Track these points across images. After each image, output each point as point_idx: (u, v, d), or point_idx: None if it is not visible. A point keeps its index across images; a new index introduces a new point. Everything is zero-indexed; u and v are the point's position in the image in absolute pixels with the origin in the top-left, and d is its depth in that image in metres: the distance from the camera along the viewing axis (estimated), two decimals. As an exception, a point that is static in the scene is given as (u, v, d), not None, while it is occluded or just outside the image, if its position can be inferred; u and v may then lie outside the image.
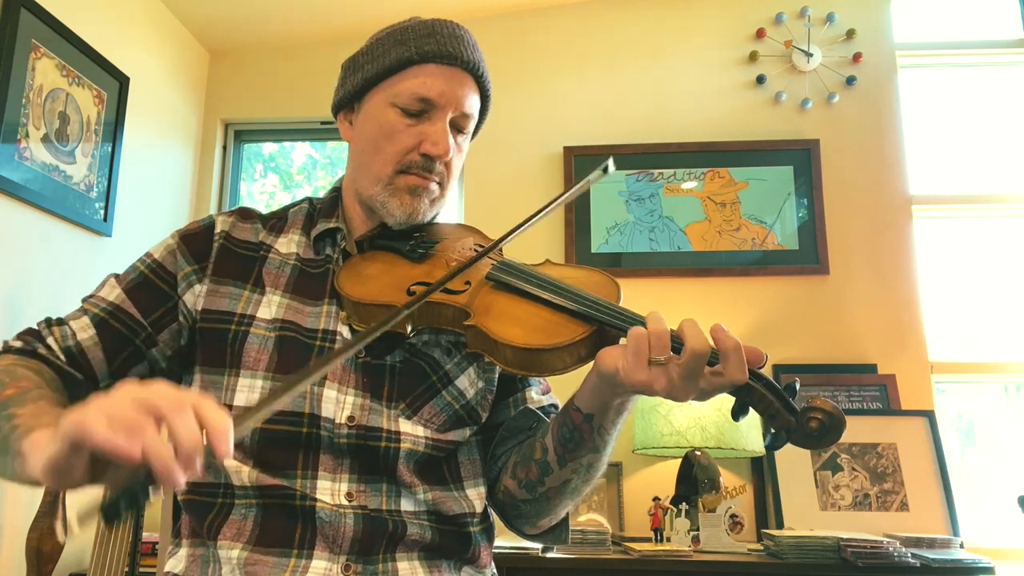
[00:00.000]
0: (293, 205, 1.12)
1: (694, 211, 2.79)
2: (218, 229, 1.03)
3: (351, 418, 0.93)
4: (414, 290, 0.94)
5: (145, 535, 2.10)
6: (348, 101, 1.06)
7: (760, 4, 2.92)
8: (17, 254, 2.05)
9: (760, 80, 2.85)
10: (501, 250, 1.04)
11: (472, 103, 1.03)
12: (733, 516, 2.22)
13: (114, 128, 2.45)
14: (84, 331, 0.95)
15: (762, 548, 2.14)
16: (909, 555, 1.97)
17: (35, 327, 0.96)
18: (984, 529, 2.54)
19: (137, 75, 2.56)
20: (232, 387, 0.94)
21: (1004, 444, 2.72)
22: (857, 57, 2.83)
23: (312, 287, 1.00)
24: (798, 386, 0.79)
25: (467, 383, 1.01)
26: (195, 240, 1.02)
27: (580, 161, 2.82)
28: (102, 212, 2.39)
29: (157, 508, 1.80)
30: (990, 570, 1.96)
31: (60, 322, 0.96)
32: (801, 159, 2.78)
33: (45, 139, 2.15)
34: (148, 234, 2.61)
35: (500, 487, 1.03)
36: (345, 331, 0.97)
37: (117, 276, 1.01)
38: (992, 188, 2.83)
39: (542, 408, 1.07)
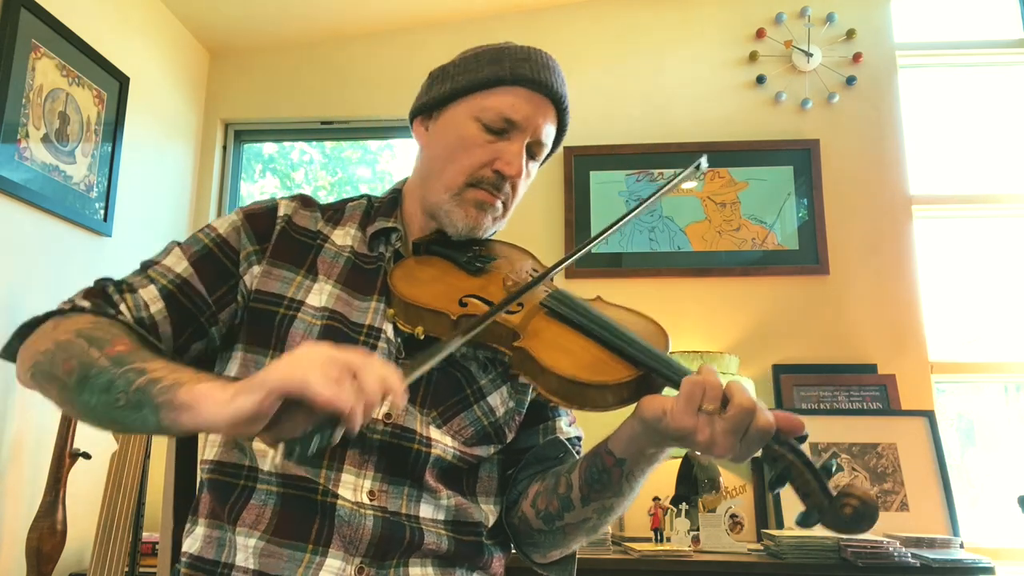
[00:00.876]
0: (351, 199, 1.13)
1: (694, 211, 2.79)
2: (281, 213, 1.04)
3: (388, 415, 0.93)
4: (466, 302, 0.95)
5: (145, 535, 2.10)
6: (429, 108, 1.07)
7: (760, 4, 2.92)
8: (17, 254, 2.05)
9: (760, 80, 2.85)
10: (553, 277, 1.05)
11: (549, 132, 1.05)
12: (733, 516, 2.22)
13: (114, 128, 2.45)
14: (154, 303, 0.94)
15: (762, 548, 2.14)
16: (909, 555, 1.97)
17: (100, 288, 0.95)
18: (984, 529, 2.54)
19: (137, 75, 2.56)
20: None
21: (1004, 444, 2.72)
22: (857, 57, 2.83)
23: (363, 282, 1.01)
24: (834, 468, 0.79)
25: (499, 401, 1.01)
26: (259, 220, 1.03)
27: (580, 161, 2.82)
28: (102, 212, 2.39)
29: (157, 507, 1.80)
30: (990, 570, 1.96)
31: (130, 288, 0.95)
32: (801, 159, 2.78)
33: (45, 139, 2.15)
34: (148, 234, 2.61)
35: (518, 512, 1.03)
36: (389, 329, 0.98)
37: (180, 245, 1.01)
38: (992, 188, 2.83)
39: (569, 439, 1.07)
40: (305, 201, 1.08)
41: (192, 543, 0.94)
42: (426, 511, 0.94)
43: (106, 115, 2.41)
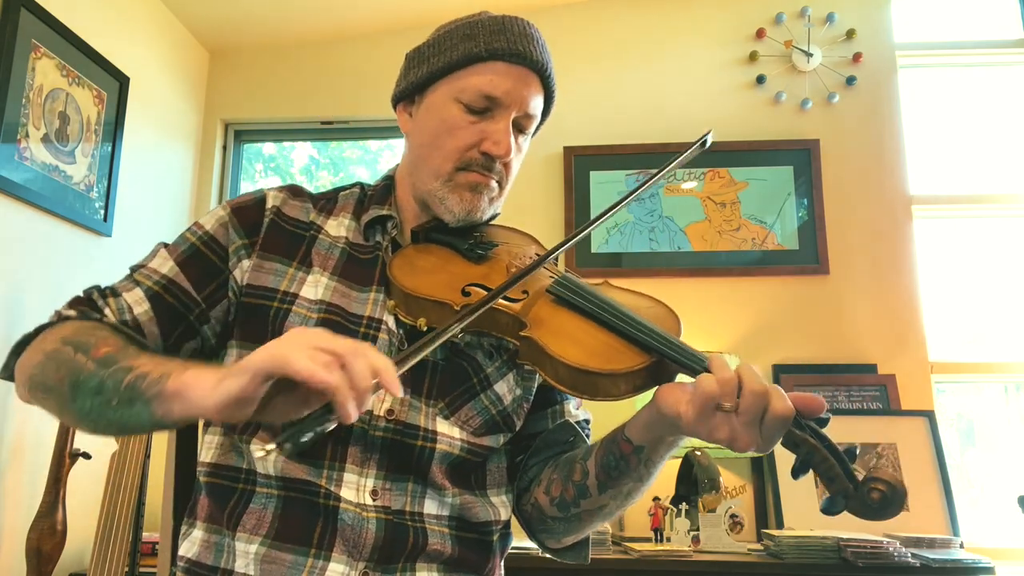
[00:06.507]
0: (343, 188, 1.09)
1: (694, 211, 2.79)
2: (269, 204, 1.01)
3: (390, 412, 0.91)
4: (469, 291, 0.92)
5: (145, 535, 2.10)
6: (410, 93, 1.03)
7: (760, 4, 2.92)
8: (17, 254, 2.05)
9: (760, 80, 2.85)
10: (557, 262, 1.02)
11: (536, 104, 1.01)
12: (733, 516, 2.22)
13: (114, 128, 2.45)
14: (139, 305, 0.92)
15: (762, 548, 2.14)
16: (909, 555, 1.97)
17: (84, 296, 0.94)
18: (984, 529, 2.54)
19: (137, 75, 2.56)
20: None
21: (1004, 444, 2.72)
22: (857, 57, 2.83)
23: (360, 273, 0.98)
24: (858, 451, 0.77)
25: (505, 389, 0.99)
26: (246, 213, 0.99)
27: (580, 161, 2.82)
28: (102, 212, 2.39)
29: (157, 507, 1.80)
30: (990, 570, 1.96)
31: (113, 292, 0.94)
32: (801, 159, 2.78)
33: (45, 139, 2.15)
34: (148, 234, 2.61)
35: (530, 499, 1.01)
36: (391, 320, 0.95)
37: (167, 246, 0.99)
38: (992, 188, 2.83)
39: (578, 422, 1.05)
40: (295, 191, 1.04)
41: (189, 547, 0.93)
42: (430, 507, 0.92)
43: (106, 115, 2.41)
